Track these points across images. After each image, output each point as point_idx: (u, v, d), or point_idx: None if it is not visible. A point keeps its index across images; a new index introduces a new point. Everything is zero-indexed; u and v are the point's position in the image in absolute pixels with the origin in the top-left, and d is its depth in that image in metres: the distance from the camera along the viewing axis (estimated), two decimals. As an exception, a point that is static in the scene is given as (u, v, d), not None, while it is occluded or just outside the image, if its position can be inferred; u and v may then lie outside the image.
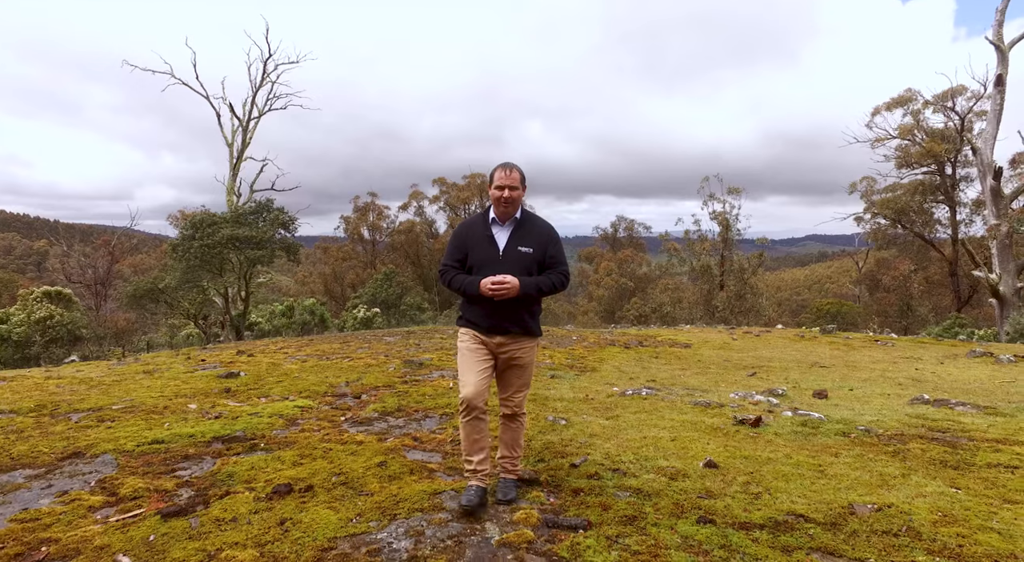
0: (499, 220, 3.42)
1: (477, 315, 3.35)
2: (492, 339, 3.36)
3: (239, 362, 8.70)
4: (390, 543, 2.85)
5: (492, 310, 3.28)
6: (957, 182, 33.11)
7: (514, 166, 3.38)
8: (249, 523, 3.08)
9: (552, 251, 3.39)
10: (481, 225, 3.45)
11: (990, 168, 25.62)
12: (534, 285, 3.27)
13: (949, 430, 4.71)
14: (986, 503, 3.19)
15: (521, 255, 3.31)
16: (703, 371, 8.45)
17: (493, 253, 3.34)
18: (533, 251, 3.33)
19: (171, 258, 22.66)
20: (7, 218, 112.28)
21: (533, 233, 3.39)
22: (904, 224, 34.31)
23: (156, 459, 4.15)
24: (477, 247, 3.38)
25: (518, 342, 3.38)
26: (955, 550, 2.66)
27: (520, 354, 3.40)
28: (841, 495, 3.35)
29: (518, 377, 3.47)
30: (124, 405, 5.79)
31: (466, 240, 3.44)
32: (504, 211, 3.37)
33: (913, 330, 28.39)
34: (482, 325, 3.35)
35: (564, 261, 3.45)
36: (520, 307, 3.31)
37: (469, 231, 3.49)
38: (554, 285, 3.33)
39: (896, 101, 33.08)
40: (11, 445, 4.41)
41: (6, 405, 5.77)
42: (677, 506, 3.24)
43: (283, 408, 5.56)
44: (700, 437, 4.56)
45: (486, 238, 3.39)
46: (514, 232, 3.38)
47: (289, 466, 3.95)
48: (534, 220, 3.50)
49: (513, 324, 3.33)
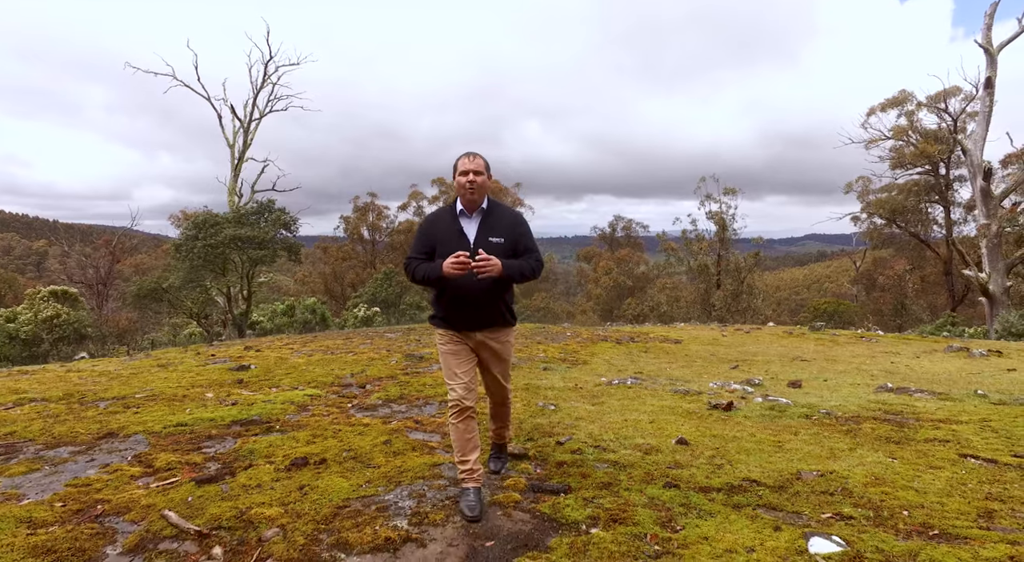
0: (467, 211, 3.33)
1: (452, 311, 3.28)
2: (471, 337, 3.32)
3: (248, 357, 9.14)
4: (396, 502, 3.30)
5: (467, 304, 3.23)
6: (951, 182, 33.49)
7: (477, 154, 3.32)
8: (272, 488, 3.53)
9: (523, 240, 3.33)
10: (448, 218, 3.36)
11: (980, 169, 26.09)
12: (517, 268, 3.22)
13: (902, 413, 5.17)
14: (914, 469, 3.66)
15: (493, 246, 3.20)
16: (688, 364, 8.91)
17: (463, 246, 3.21)
18: (504, 241, 3.25)
19: (175, 258, 23.08)
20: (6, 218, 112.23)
21: (503, 222, 3.32)
22: (899, 224, 34.48)
23: (183, 439, 4.60)
24: (446, 241, 3.26)
25: (496, 334, 3.36)
26: (877, 504, 3.12)
27: (499, 346, 3.40)
28: (792, 465, 3.81)
29: (499, 368, 3.49)
30: (145, 394, 6.24)
31: (434, 234, 3.33)
32: (471, 199, 3.28)
33: (907, 328, 28.86)
34: (459, 322, 3.29)
35: (536, 248, 3.39)
36: (495, 298, 3.27)
37: (436, 225, 3.38)
38: (533, 270, 3.28)
39: (890, 102, 33.47)
40: (51, 427, 4.86)
41: (37, 394, 6.22)
42: (648, 475, 3.70)
43: (293, 396, 6.01)
44: (676, 420, 5.02)
45: (455, 231, 3.29)
46: (483, 223, 3.31)
47: (303, 444, 4.40)
48: (502, 209, 3.42)
49: (490, 317, 3.30)
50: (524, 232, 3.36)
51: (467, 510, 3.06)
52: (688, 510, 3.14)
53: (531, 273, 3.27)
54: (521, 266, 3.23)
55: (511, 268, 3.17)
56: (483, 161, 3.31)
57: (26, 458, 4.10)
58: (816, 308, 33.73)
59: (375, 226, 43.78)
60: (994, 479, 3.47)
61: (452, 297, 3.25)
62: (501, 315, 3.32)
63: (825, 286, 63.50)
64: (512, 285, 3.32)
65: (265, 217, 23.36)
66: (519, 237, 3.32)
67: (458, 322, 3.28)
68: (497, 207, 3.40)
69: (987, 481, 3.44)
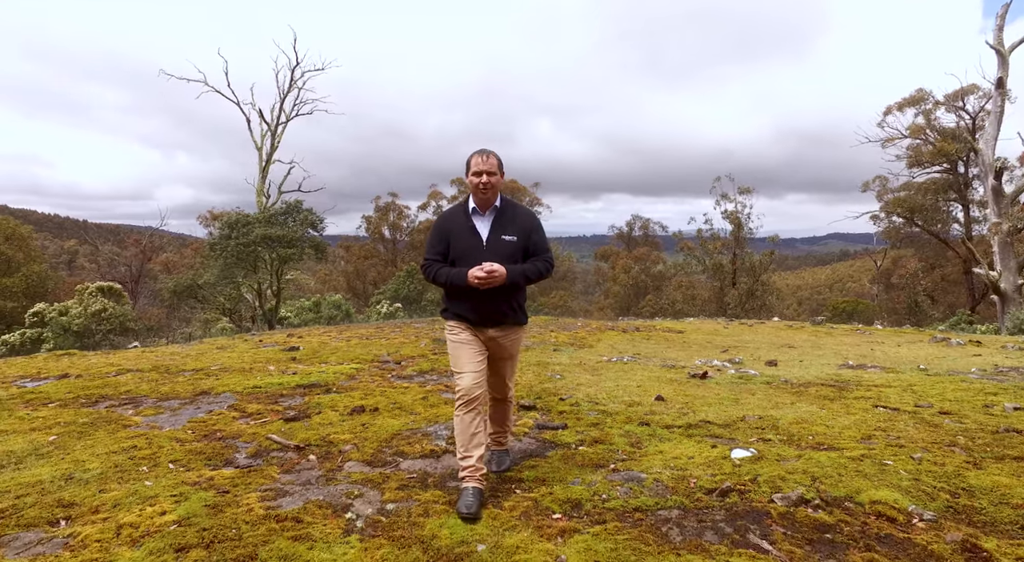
0: (479, 209, 3.34)
1: (465, 308, 3.29)
2: (483, 332, 3.33)
3: (293, 342, 10.37)
4: (435, 432, 4.43)
5: (480, 302, 3.24)
6: (970, 181, 33.41)
7: (491, 152, 3.30)
8: (341, 424, 4.68)
9: (536, 238, 3.36)
10: (462, 216, 3.36)
11: (991, 168, 26.57)
12: (520, 273, 3.24)
13: (848, 381, 6.20)
14: (832, 414, 4.71)
15: (505, 244, 3.26)
16: (684, 349, 9.95)
17: (476, 243, 3.27)
18: (517, 239, 3.28)
19: (209, 256, 24.54)
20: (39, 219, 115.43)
21: (516, 221, 3.34)
22: (918, 223, 34.11)
23: (261, 395, 5.78)
24: (459, 238, 3.29)
25: (507, 332, 3.38)
26: (793, 433, 4.20)
27: (509, 344, 3.42)
28: (741, 412, 4.88)
29: (508, 366, 3.52)
30: (218, 367, 7.46)
31: (447, 232, 3.35)
32: (484, 198, 3.30)
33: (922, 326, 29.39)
34: (471, 318, 3.30)
35: (548, 247, 3.43)
36: (507, 297, 3.28)
37: (450, 223, 3.39)
38: (540, 272, 3.32)
39: (908, 101, 33.11)
40: (156, 387, 6.08)
41: (131, 366, 7.48)
42: (628, 418, 4.79)
43: (342, 369, 7.19)
44: (659, 385, 6.10)
45: (468, 229, 3.31)
46: (496, 221, 3.32)
47: (358, 399, 5.55)
48: (515, 207, 3.44)
49: (502, 315, 3.30)
50: (537, 231, 3.38)
51: (464, 508, 2.92)
52: (652, 438, 4.23)
53: (537, 275, 3.31)
54: (526, 270, 3.27)
55: (515, 274, 3.21)
56: (496, 160, 3.29)
57: (148, 406, 5.31)
58: (835, 307, 34.25)
59: (396, 225, 45.16)
60: (888, 420, 4.52)
61: (465, 296, 3.26)
62: (513, 313, 3.34)
63: (848, 286, 63.29)
64: (523, 286, 3.38)
65: (293, 217, 24.75)
66: (531, 235, 3.34)
67: (470, 319, 3.30)
68: (510, 205, 3.41)
69: (882, 421, 4.49)
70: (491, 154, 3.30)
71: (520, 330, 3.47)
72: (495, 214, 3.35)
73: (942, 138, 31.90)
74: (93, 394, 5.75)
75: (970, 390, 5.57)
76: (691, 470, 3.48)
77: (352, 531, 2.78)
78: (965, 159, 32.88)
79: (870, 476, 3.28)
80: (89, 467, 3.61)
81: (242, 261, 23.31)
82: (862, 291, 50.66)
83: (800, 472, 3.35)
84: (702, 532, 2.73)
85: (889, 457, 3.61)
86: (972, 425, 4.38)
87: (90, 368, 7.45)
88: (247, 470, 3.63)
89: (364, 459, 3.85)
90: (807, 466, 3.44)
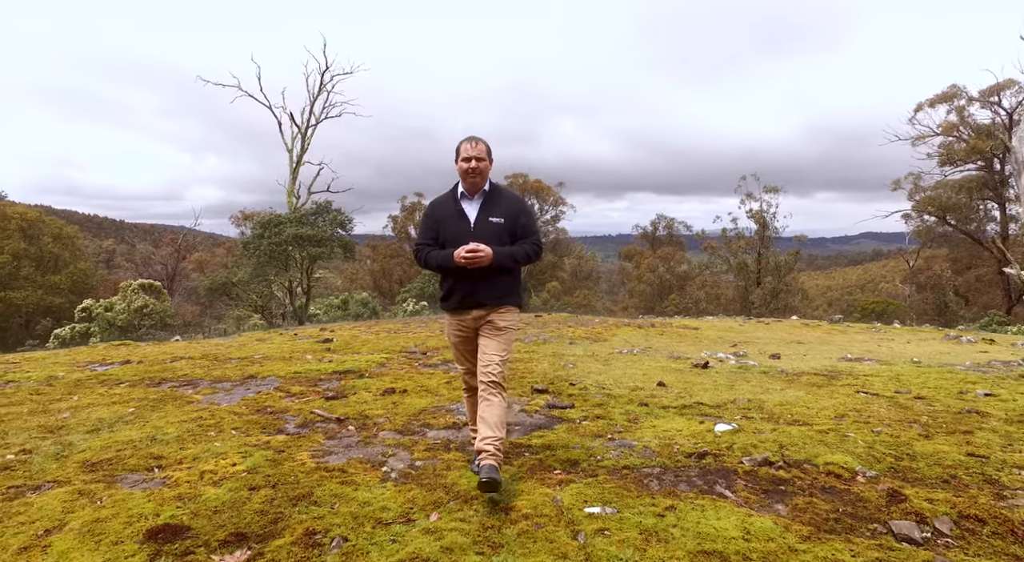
0: (468, 194, 3.43)
1: (454, 287, 3.38)
2: (469, 314, 3.40)
3: (326, 335, 11.09)
4: (458, 409, 5.03)
5: (465, 282, 3.32)
6: (1006, 179, 32.58)
7: (480, 139, 3.41)
8: (375, 402, 5.31)
9: (524, 220, 3.43)
10: (451, 201, 3.46)
11: (1023, 165, 26.32)
12: (508, 254, 3.30)
13: (841, 372, 6.65)
14: (816, 398, 5.20)
15: (492, 226, 3.33)
16: (695, 343, 10.42)
17: (464, 226, 3.35)
18: (504, 221, 3.35)
19: (242, 255, 25.57)
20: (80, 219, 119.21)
21: (503, 204, 3.43)
22: (950, 222, 33.26)
23: (302, 379, 6.45)
24: (448, 222, 3.39)
25: (496, 311, 3.40)
26: (775, 412, 4.71)
27: (497, 318, 3.40)
28: (732, 395, 5.40)
29: (495, 340, 3.38)
30: (261, 356, 8.18)
31: (437, 217, 3.45)
32: (472, 183, 3.39)
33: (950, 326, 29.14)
34: (459, 301, 3.39)
35: (536, 230, 3.48)
36: (496, 280, 3.34)
37: (439, 208, 3.50)
38: (528, 255, 3.37)
39: (940, 97, 32.06)
40: (210, 371, 6.81)
41: (182, 354, 8.24)
42: (629, 401, 5.33)
43: (373, 358, 7.85)
44: (662, 373, 6.63)
45: (456, 212, 3.40)
46: (484, 204, 3.41)
47: (388, 383, 6.19)
48: (503, 192, 3.51)
49: (486, 297, 3.35)
50: (525, 214, 3.47)
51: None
52: (649, 415, 4.78)
53: (525, 258, 3.38)
54: (513, 252, 3.34)
55: (501, 255, 3.28)
56: (485, 147, 3.39)
57: (205, 387, 6.02)
58: (863, 307, 34.05)
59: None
60: (865, 403, 5.00)
61: (452, 277, 3.38)
62: (499, 296, 3.38)
63: (881, 287, 62.14)
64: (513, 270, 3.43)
65: (323, 217, 25.67)
66: (519, 218, 3.42)
67: (460, 300, 3.38)
68: (498, 190, 3.49)
69: (860, 404, 4.97)
70: (480, 141, 3.41)
71: (511, 310, 3.45)
72: (483, 198, 3.43)
73: (976, 135, 30.87)
74: (155, 377, 6.49)
75: (952, 379, 5.98)
76: (677, 440, 4.03)
77: (388, 480, 3.39)
78: (1001, 156, 32.02)
79: (831, 445, 3.79)
80: (167, 432, 4.29)
81: (274, 260, 24.28)
82: (895, 292, 49.92)
83: (771, 441, 3.87)
84: (677, 484, 3.28)
85: (854, 431, 4.11)
86: (940, 407, 4.83)
87: (147, 356, 8.24)
88: (297, 436, 4.28)
89: (395, 429, 4.47)
90: (778, 437, 3.96)
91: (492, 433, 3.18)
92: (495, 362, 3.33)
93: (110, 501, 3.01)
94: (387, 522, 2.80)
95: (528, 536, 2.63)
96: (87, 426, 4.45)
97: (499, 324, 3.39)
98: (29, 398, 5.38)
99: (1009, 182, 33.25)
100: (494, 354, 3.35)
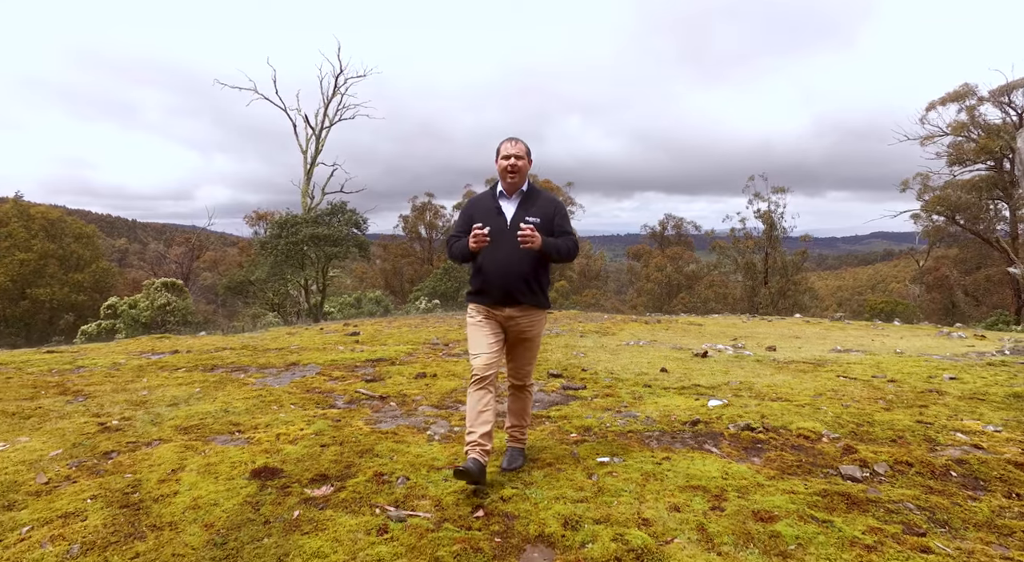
0: (506, 193, 3.50)
1: (485, 282, 3.38)
2: (502, 311, 3.39)
3: (351, 328, 11.82)
4: (483, 390, 5.72)
5: (500, 275, 3.33)
6: (1016, 179, 32.61)
7: (519, 139, 3.48)
8: (409, 384, 6.01)
9: (559, 221, 3.47)
10: (489, 199, 3.54)
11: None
12: (554, 246, 3.34)
13: (828, 360, 7.29)
14: (801, 382, 5.86)
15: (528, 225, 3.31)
16: (698, 337, 11.07)
17: (500, 223, 3.39)
18: (540, 221, 3.39)
19: (259, 254, 26.40)
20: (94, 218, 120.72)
21: (539, 204, 3.48)
22: (959, 222, 33.25)
23: (340, 366, 7.17)
24: (485, 218, 3.40)
25: (527, 314, 3.41)
26: (762, 392, 5.37)
27: (529, 327, 3.45)
28: (726, 378, 6.06)
29: (528, 350, 3.54)
30: (296, 347, 8.91)
31: (474, 213, 3.50)
32: (511, 182, 3.45)
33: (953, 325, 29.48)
34: (491, 294, 3.38)
35: (572, 231, 3.52)
36: (528, 272, 3.36)
37: (477, 205, 3.57)
38: (569, 249, 3.43)
39: (951, 96, 31.99)
40: (255, 359, 7.54)
41: (223, 345, 8.98)
42: (635, 383, 6.01)
43: (400, 348, 8.56)
44: (665, 361, 7.30)
45: (493, 210, 3.46)
46: (521, 204, 3.46)
47: (419, 369, 6.89)
48: (540, 192, 3.56)
49: (522, 292, 3.35)
50: (561, 214, 3.51)
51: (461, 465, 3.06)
52: (652, 394, 5.46)
53: (567, 253, 3.41)
54: (558, 245, 3.37)
55: (550, 245, 3.31)
56: (524, 147, 3.47)
57: (254, 372, 6.74)
58: (872, 307, 34.41)
59: (432, 224, 46.82)
60: (843, 385, 5.65)
61: (487, 271, 3.37)
62: (533, 293, 3.39)
63: (891, 286, 62.06)
64: (547, 266, 3.47)
65: (338, 217, 26.44)
66: (555, 218, 3.47)
67: (490, 295, 3.38)
68: (535, 191, 3.54)
69: (838, 385, 5.63)
70: (520, 141, 3.49)
71: (539, 313, 3.47)
72: (521, 198, 3.49)
73: (986, 134, 30.79)
74: (207, 363, 7.23)
75: (926, 367, 6.62)
76: (675, 412, 4.70)
77: (433, 440, 4.09)
78: (1010, 156, 32.11)
79: (805, 415, 4.46)
80: (236, 406, 5.00)
81: (291, 259, 25.06)
82: (904, 292, 50.11)
83: (754, 413, 4.54)
84: (673, 443, 3.96)
85: (827, 405, 4.78)
86: (907, 388, 5.49)
87: (192, 347, 8.99)
88: (348, 409, 4.99)
89: (432, 404, 5.17)
90: (761, 409, 4.63)
91: (517, 421, 3.61)
92: (528, 372, 3.61)
93: (212, 452, 3.73)
94: (438, 467, 3.50)
95: (552, 476, 3.33)
96: (166, 401, 5.18)
97: (530, 334, 3.47)
98: (106, 379, 6.12)
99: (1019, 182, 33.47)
100: (528, 364, 3.58)
